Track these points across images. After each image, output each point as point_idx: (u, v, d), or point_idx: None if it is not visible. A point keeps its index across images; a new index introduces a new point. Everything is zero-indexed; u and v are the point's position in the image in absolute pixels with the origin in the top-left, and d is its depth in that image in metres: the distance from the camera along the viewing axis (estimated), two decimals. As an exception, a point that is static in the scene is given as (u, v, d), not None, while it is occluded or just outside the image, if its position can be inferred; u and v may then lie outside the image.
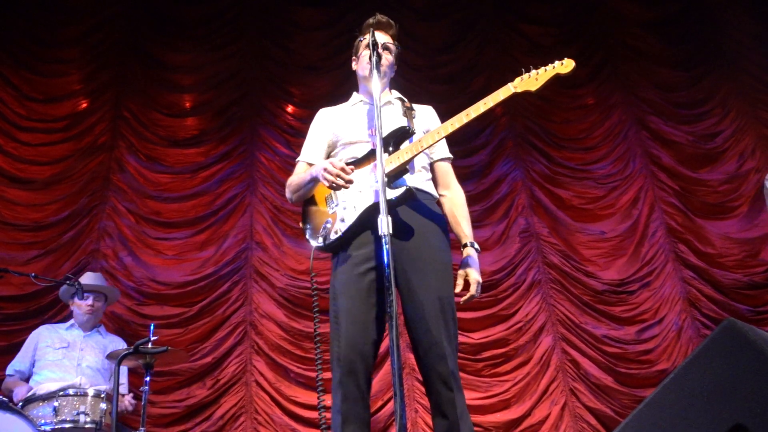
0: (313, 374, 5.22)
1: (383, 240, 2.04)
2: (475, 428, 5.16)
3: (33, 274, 3.90)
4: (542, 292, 5.76)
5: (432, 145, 2.52)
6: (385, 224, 2.06)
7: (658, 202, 6.21)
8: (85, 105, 6.13)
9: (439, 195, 2.72)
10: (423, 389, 4.39)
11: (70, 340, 4.18)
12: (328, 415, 2.42)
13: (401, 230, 2.41)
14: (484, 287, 6.00)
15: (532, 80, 2.40)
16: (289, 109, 6.47)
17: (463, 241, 2.63)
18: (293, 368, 5.26)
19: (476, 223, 5.96)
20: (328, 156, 2.79)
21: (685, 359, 1.55)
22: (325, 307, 2.54)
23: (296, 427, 5.06)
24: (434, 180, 2.76)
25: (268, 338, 5.34)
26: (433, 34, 6.87)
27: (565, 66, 2.40)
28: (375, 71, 2.39)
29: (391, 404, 5.07)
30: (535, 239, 5.98)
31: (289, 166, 6.05)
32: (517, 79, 2.42)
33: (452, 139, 2.70)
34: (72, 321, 4.30)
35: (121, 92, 6.20)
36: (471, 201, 6.19)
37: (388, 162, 2.45)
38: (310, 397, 5.18)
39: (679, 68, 6.92)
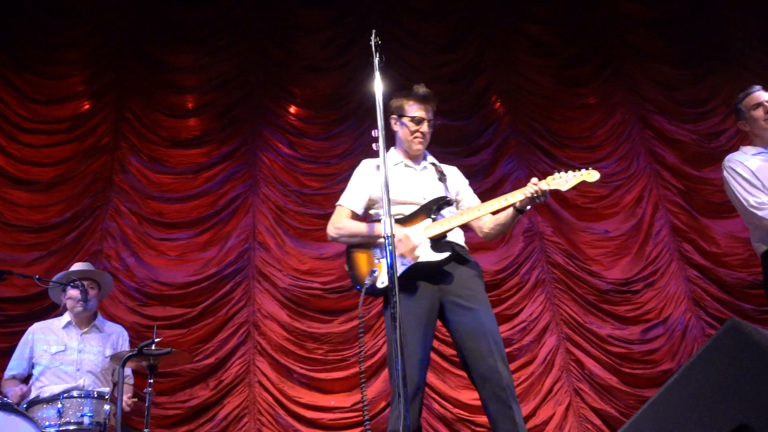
0: (316, 374, 5.25)
1: (386, 241, 2.22)
2: (479, 429, 5.17)
3: (37, 277, 3.89)
4: (546, 292, 5.74)
5: (473, 219, 2.92)
6: (387, 226, 2.21)
7: (663, 201, 6.19)
8: (87, 106, 6.15)
9: (475, 226, 3.10)
10: (427, 390, 4.39)
11: (67, 341, 4.08)
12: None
13: (447, 279, 2.84)
14: (487, 287, 6.02)
15: (563, 181, 2.88)
16: (292, 109, 6.47)
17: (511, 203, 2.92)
18: (296, 369, 5.26)
19: (479, 222, 5.95)
20: (368, 207, 3.10)
21: (689, 359, 1.54)
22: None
23: (300, 428, 5.06)
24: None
25: (271, 339, 5.34)
26: (435, 34, 6.86)
27: (591, 176, 2.88)
28: (377, 72, 2.53)
29: (394, 405, 5.07)
30: (539, 238, 5.96)
31: (292, 167, 6.10)
32: (549, 177, 2.88)
33: (455, 139, 2.74)
34: (68, 318, 4.18)
35: (124, 93, 6.21)
36: (474, 200, 6.19)
37: (433, 226, 2.86)
38: (314, 398, 5.19)
39: (682, 67, 6.90)
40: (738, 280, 5.84)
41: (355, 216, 3.04)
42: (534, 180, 2.85)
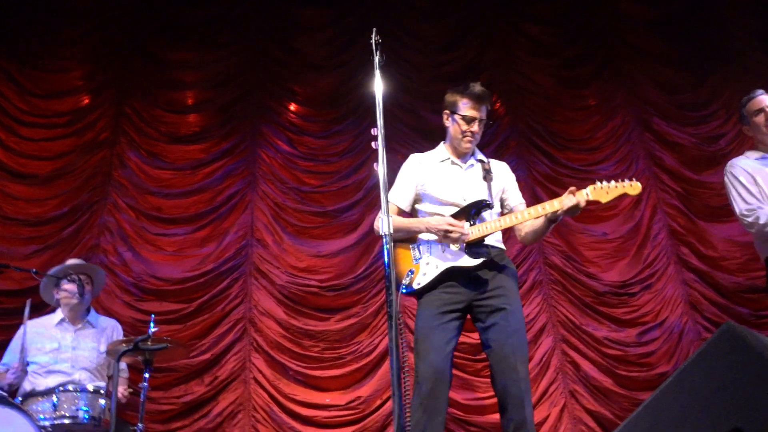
0: (312, 372, 5.24)
1: (384, 239, 2.20)
2: (474, 428, 5.17)
3: (34, 270, 3.88)
4: (543, 293, 5.74)
5: (511, 225, 2.94)
6: (386, 224, 2.20)
7: (661, 204, 6.18)
8: (86, 101, 6.14)
9: (515, 228, 3.07)
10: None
11: (60, 339, 4.05)
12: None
13: (480, 283, 2.88)
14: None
15: (603, 192, 2.87)
16: (292, 107, 6.46)
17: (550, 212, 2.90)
18: (292, 366, 5.26)
19: (477, 222, 5.96)
20: (416, 201, 3.13)
21: (683, 363, 1.54)
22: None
23: (294, 425, 5.05)
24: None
25: (267, 335, 5.34)
26: (435, 34, 6.85)
27: (633, 188, 2.91)
28: (377, 71, 2.52)
29: (389, 403, 5.07)
30: (536, 239, 5.95)
31: (291, 164, 6.10)
32: (590, 187, 2.87)
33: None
34: (61, 315, 4.15)
35: (123, 89, 6.20)
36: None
37: (470, 230, 2.87)
38: (309, 395, 5.19)
39: (682, 67, 6.88)
40: (735, 284, 5.84)
41: (401, 212, 3.08)
42: (572, 189, 2.83)
